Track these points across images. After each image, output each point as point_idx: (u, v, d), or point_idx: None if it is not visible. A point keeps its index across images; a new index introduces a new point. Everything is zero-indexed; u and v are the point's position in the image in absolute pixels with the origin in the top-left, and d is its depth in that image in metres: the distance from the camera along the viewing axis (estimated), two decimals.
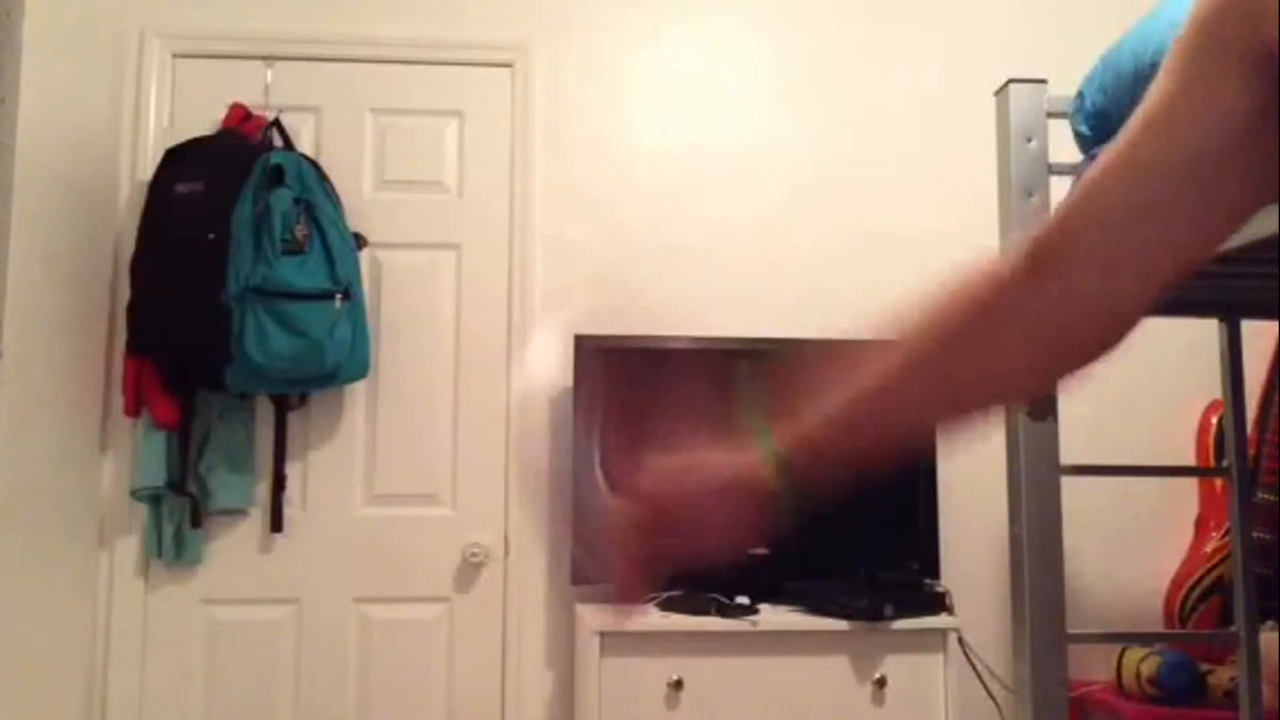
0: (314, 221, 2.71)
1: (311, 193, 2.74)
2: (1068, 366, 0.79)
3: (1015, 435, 1.96)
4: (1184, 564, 2.92)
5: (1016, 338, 0.77)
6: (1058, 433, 1.95)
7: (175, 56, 2.98)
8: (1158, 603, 2.93)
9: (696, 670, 2.44)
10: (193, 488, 2.77)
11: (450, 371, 2.95)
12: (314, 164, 2.82)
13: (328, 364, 2.65)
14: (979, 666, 2.84)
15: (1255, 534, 2.29)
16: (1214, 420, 2.95)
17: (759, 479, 0.79)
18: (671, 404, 2.64)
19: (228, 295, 2.62)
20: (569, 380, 2.89)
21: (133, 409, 2.74)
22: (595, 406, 2.67)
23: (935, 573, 2.81)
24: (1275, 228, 1.11)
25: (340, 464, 2.90)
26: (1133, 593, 3.00)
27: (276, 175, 2.71)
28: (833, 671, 2.47)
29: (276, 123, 2.89)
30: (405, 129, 3.02)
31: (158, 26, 2.97)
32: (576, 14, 3.10)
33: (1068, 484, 1.95)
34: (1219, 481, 2.88)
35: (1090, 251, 0.75)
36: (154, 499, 2.77)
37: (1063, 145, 1.98)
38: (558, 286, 3.00)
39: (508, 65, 3.06)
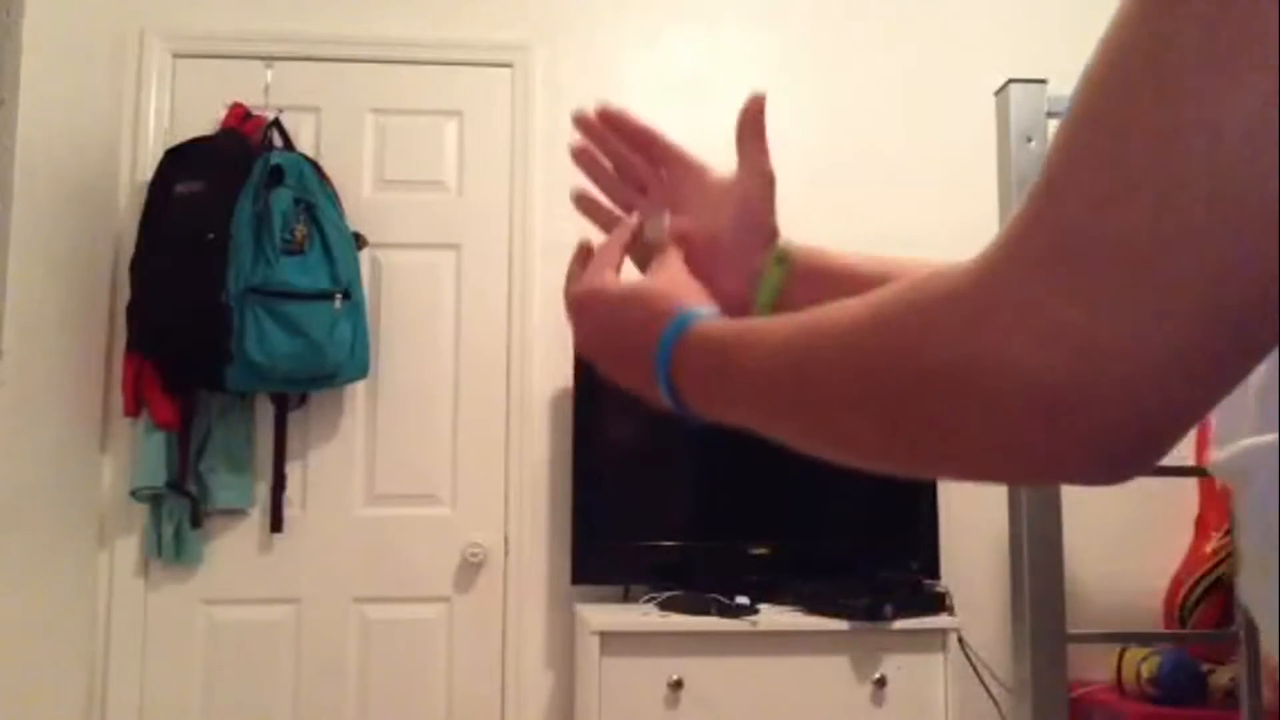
0: (314, 221, 2.71)
1: (311, 193, 2.74)
2: None
3: None
4: (1184, 564, 2.91)
5: None
6: None
7: (175, 56, 2.98)
8: (1158, 603, 2.93)
9: (696, 670, 2.44)
10: (192, 488, 2.77)
11: (450, 371, 2.95)
12: (314, 164, 2.82)
13: (328, 364, 2.66)
14: (979, 666, 2.83)
15: None
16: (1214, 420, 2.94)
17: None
18: None
19: (228, 295, 2.62)
20: (569, 380, 2.89)
21: (132, 409, 2.74)
22: None
23: (935, 573, 2.81)
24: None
25: (340, 464, 2.90)
26: (1133, 593, 2.99)
27: (276, 175, 2.71)
28: (833, 671, 2.47)
29: (276, 123, 2.88)
30: (405, 129, 3.01)
31: (158, 26, 2.97)
32: (576, 14, 3.10)
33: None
34: (1219, 481, 2.88)
35: None
36: (154, 499, 2.77)
37: None
38: (557, 286, 3.00)
39: (508, 65, 3.06)
